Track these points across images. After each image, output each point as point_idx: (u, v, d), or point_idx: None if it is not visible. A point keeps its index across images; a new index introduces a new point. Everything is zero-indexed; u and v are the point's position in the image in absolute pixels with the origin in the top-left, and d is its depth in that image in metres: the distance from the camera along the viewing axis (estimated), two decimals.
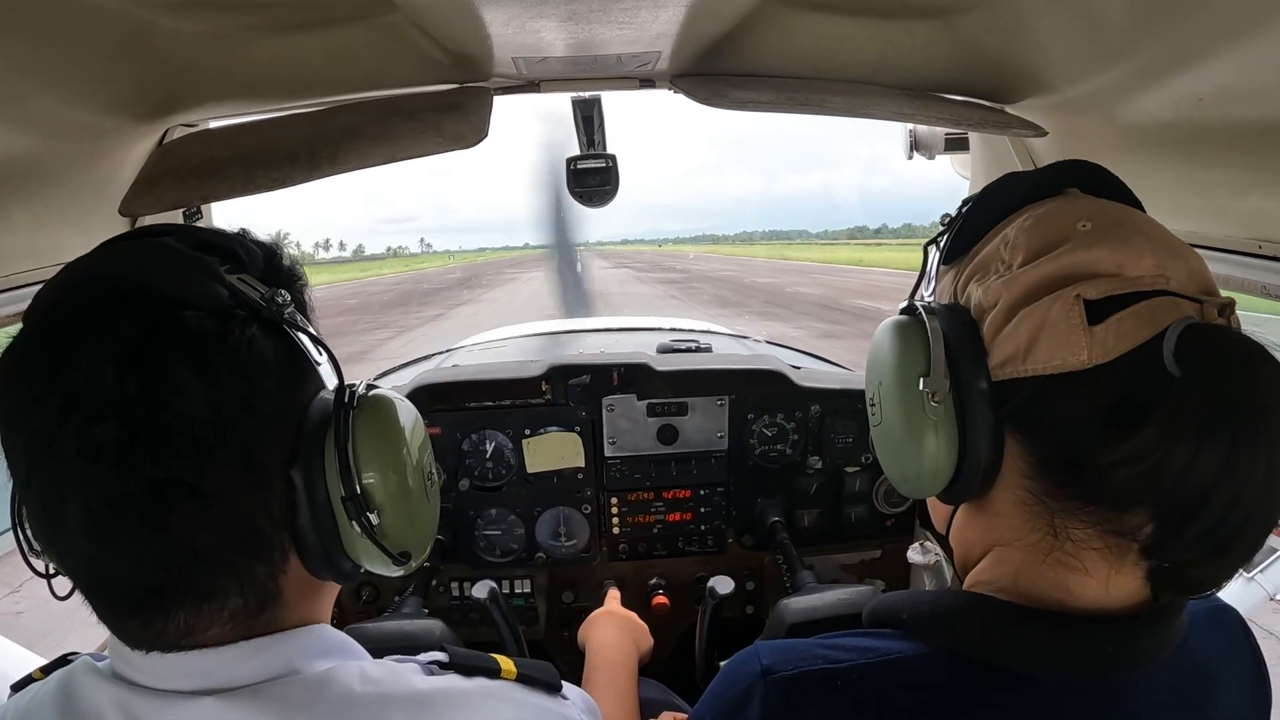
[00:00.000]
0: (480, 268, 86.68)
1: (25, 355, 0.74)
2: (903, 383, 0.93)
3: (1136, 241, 0.82)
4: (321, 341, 0.89)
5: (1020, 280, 0.84)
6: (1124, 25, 1.08)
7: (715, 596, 1.95)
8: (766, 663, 0.91)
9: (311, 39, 1.28)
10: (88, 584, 0.78)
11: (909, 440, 0.92)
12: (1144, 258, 0.81)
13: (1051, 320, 0.80)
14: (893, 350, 0.96)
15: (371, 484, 0.85)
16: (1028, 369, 0.82)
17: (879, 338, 1.01)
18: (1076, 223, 0.85)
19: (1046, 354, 0.81)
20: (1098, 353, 0.78)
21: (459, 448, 2.39)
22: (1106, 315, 0.79)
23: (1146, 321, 0.78)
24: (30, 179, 1.22)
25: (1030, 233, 0.87)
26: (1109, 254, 0.81)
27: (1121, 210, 0.89)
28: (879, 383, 1.00)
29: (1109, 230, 0.84)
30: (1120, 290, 0.79)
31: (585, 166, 2.00)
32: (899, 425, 0.94)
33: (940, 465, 0.91)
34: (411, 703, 0.82)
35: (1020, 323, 0.83)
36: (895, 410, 0.95)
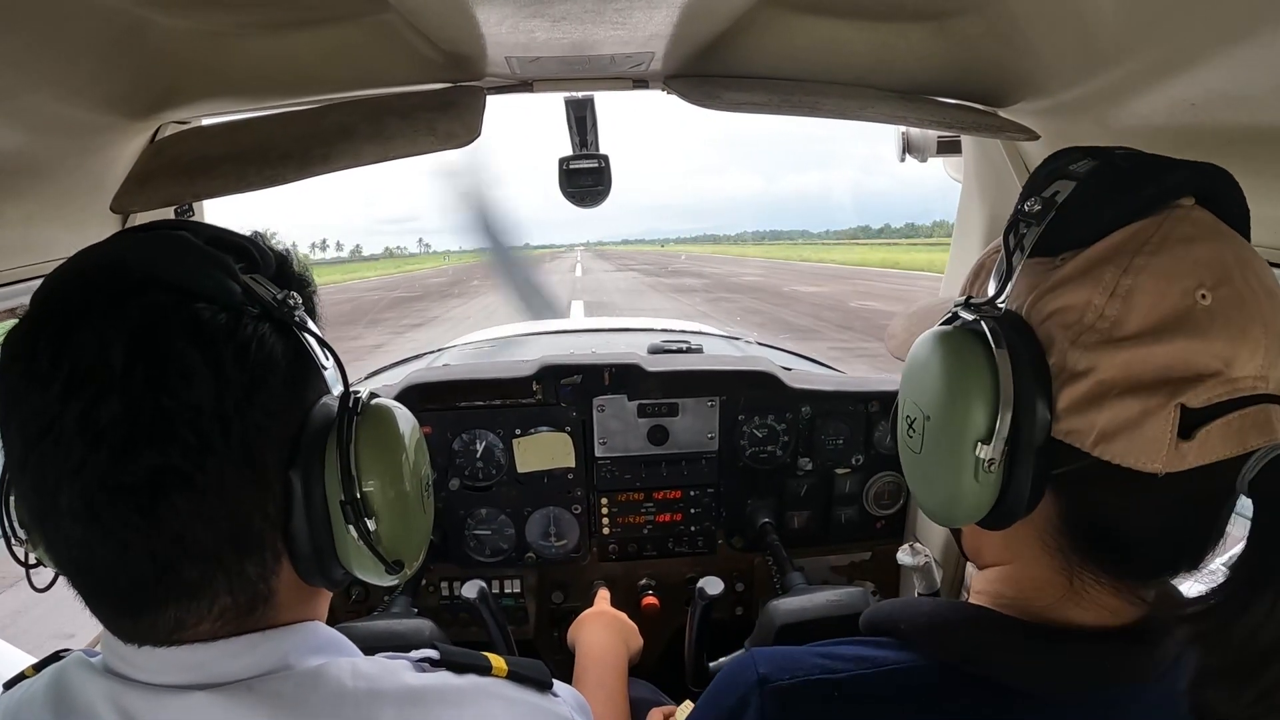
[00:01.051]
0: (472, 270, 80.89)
1: (29, 337, 0.74)
2: (956, 435, 0.83)
3: (1254, 334, 0.74)
4: (328, 346, 0.89)
5: (1120, 359, 0.75)
6: (1117, 30, 1.09)
7: (705, 597, 1.95)
8: (763, 671, 0.89)
9: (305, 37, 1.28)
10: (76, 573, 0.77)
11: (951, 489, 0.84)
12: (1256, 356, 0.74)
13: (1142, 424, 0.74)
14: (952, 388, 0.84)
15: (371, 490, 0.85)
16: (1094, 451, 0.76)
17: (935, 352, 0.88)
18: (1197, 290, 0.74)
19: (1123, 450, 0.74)
20: (1175, 464, 0.73)
21: (449, 447, 2.39)
22: (1199, 426, 0.73)
23: (1234, 439, 0.73)
24: (21, 175, 1.22)
25: (1142, 289, 0.76)
26: (1222, 346, 0.73)
27: (1243, 274, 0.77)
28: (926, 415, 0.88)
29: (1229, 312, 0.74)
30: (1221, 398, 0.73)
31: (578, 167, 2.00)
32: (942, 471, 0.85)
33: (975, 512, 0.84)
34: (403, 699, 0.82)
35: (1105, 409, 0.75)
36: (940, 458, 0.86)
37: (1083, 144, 0.91)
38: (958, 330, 0.87)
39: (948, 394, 0.84)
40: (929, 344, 0.89)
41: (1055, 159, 0.89)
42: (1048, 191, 0.85)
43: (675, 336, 3.50)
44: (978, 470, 0.81)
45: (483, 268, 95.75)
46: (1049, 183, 0.86)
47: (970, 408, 0.81)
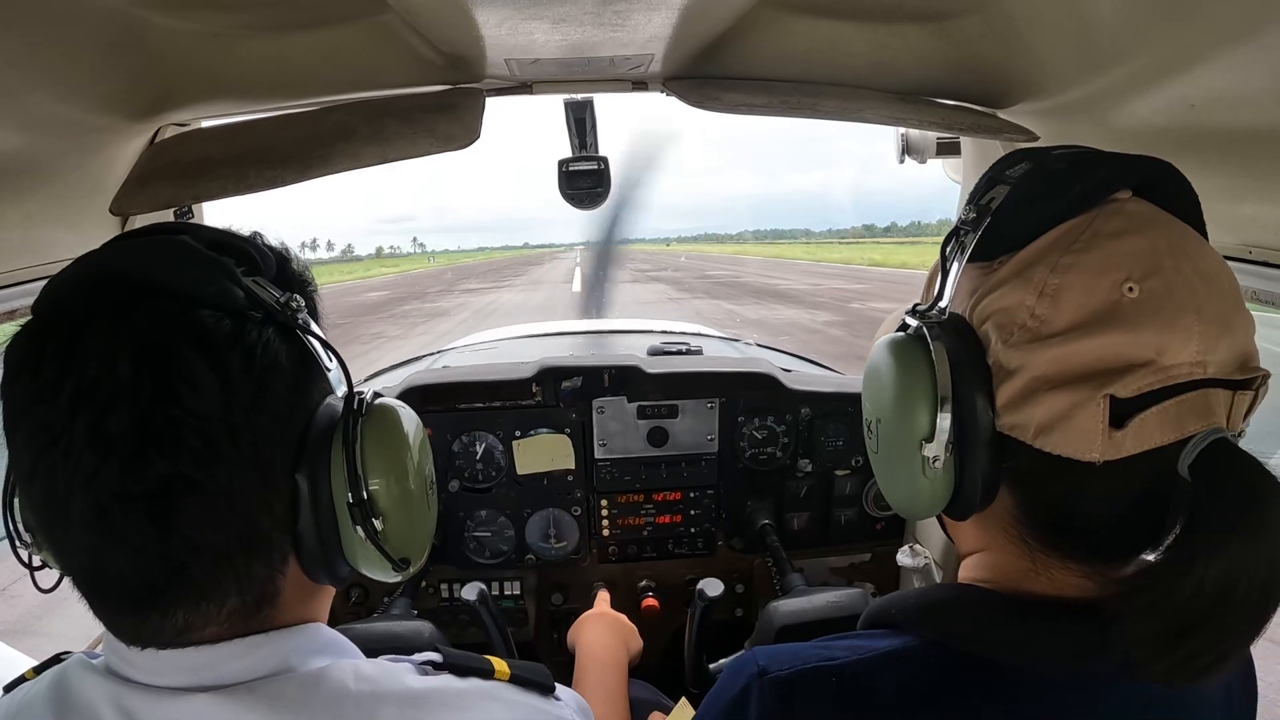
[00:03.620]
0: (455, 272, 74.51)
1: (33, 348, 0.74)
2: (902, 435, 0.87)
3: (1185, 323, 0.75)
4: (331, 347, 0.90)
5: (1048, 355, 0.78)
6: (1116, 31, 1.09)
7: (705, 599, 1.95)
8: (762, 664, 0.91)
9: (304, 39, 1.28)
10: (87, 579, 0.78)
11: (906, 483, 0.89)
12: (1189, 344, 0.75)
13: (1073, 415, 0.76)
14: (896, 391, 0.88)
15: (377, 490, 0.86)
16: (1035, 443, 0.79)
17: (883, 359, 0.92)
18: (1124, 283, 0.76)
19: (1059, 441, 0.77)
20: (1111, 452, 0.76)
21: (449, 449, 2.39)
22: (1131, 415, 0.75)
23: (1171, 425, 0.75)
24: (21, 176, 1.22)
25: (1069, 286, 0.78)
26: (1151, 337, 0.75)
27: (1175, 258, 0.78)
28: (877, 418, 0.93)
29: (1158, 304, 0.75)
30: (1153, 385, 0.75)
31: (577, 169, 2.00)
32: (896, 467, 0.90)
33: (932, 505, 0.89)
34: (405, 701, 0.82)
35: (1039, 403, 0.78)
36: (892, 455, 0.91)
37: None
38: (902, 336, 0.91)
39: (893, 397, 0.89)
40: (878, 351, 0.93)
41: (996, 166, 0.92)
42: (985, 198, 0.89)
43: (674, 338, 3.50)
44: (925, 468, 0.85)
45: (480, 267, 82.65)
46: (988, 189, 0.90)
47: (913, 409, 0.86)
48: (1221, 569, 0.70)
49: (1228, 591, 0.70)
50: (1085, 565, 0.84)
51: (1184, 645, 0.72)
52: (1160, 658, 0.73)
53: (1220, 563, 0.70)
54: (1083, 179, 0.84)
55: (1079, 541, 0.83)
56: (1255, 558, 0.70)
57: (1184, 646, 0.72)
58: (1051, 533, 0.84)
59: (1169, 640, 0.72)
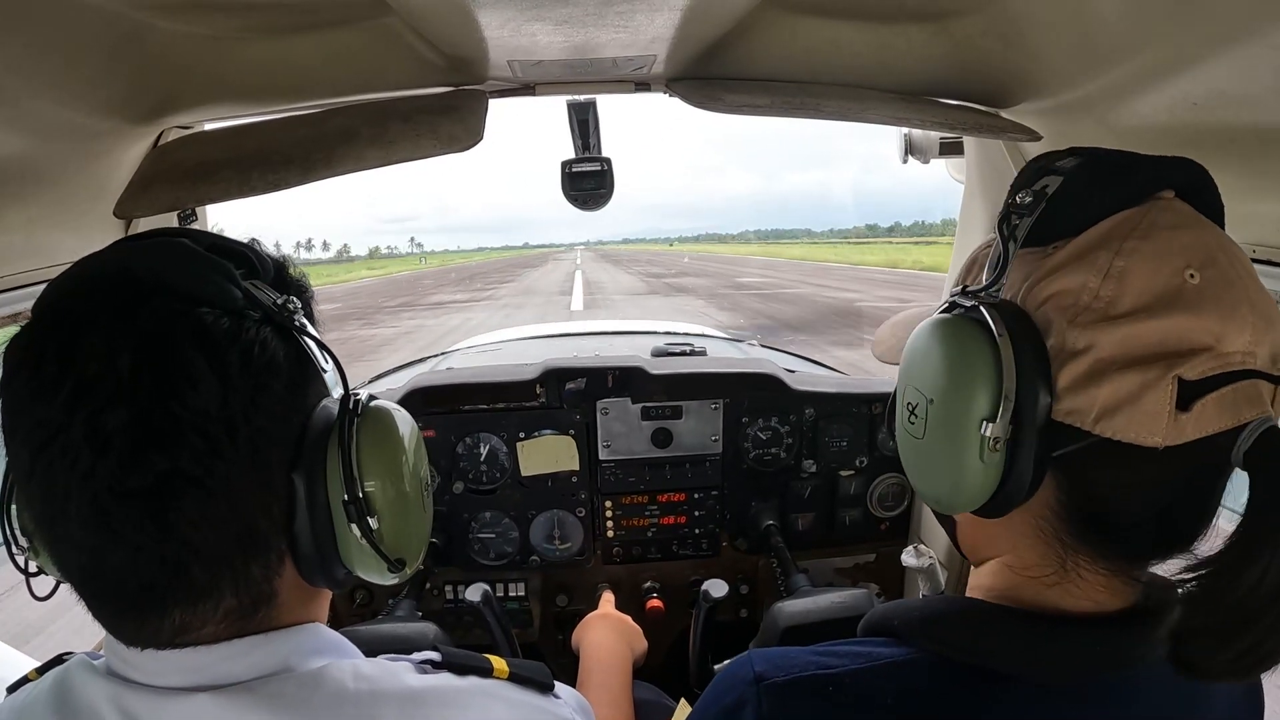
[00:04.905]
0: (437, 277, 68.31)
1: (33, 346, 0.74)
2: (960, 416, 0.85)
3: (1242, 311, 0.77)
4: (328, 349, 0.91)
5: (1117, 336, 0.78)
6: (1119, 30, 1.08)
7: (709, 600, 1.95)
8: (759, 669, 0.90)
9: (307, 41, 1.28)
10: (84, 579, 0.78)
11: (954, 473, 0.87)
12: (1244, 332, 0.76)
13: (1141, 396, 0.76)
14: (955, 370, 0.87)
15: (372, 490, 0.87)
16: (1096, 429, 0.78)
17: (938, 339, 0.91)
18: (1185, 269, 0.78)
19: (1123, 425, 0.76)
20: (1173, 436, 0.75)
21: (453, 450, 2.39)
22: (1195, 399, 0.75)
23: (1229, 412, 0.75)
24: (25, 180, 1.22)
25: (1135, 269, 0.79)
26: (1213, 323, 0.76)
27: (1228, 257, 0.80)
28: (929, 399, 0.90)
29: (1217, 291, 0.77)
30: (1214, 371, 0.75)
31: (581, 170, 2.00)
32: (945, 455, 0.88)
33: (980, 495, 0.86)
34: (404, 700, 0.82)
35: (1105, 384, 0.78)
36: (944, 440, 0.88)
37: (1085, 143, 0.93)
38: (957, 317, 0.90)
39: (950, 376, 0.87)
40: (928, 331, 0.93)
41: (1043, 158, 0.92)
42: (1037, 185, 0.88)
43: (678, 339, 3.50)
44: (983, 450, 0.83)
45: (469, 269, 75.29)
46: (1038, 177, 0.89)
47: (974, 388, 0.84)
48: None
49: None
50: (1115, 566, 0.83)
51: (1246, 638, 0.72)
52: (1221, 652, 0.73)
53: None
54: (1135, 174, 0.87)
55: (1117, 538, 0.82)
56: None
57: (1246, 639, 0.72)
58: (1091, 528, 0.83)
59: (1231, 634, 0.72)
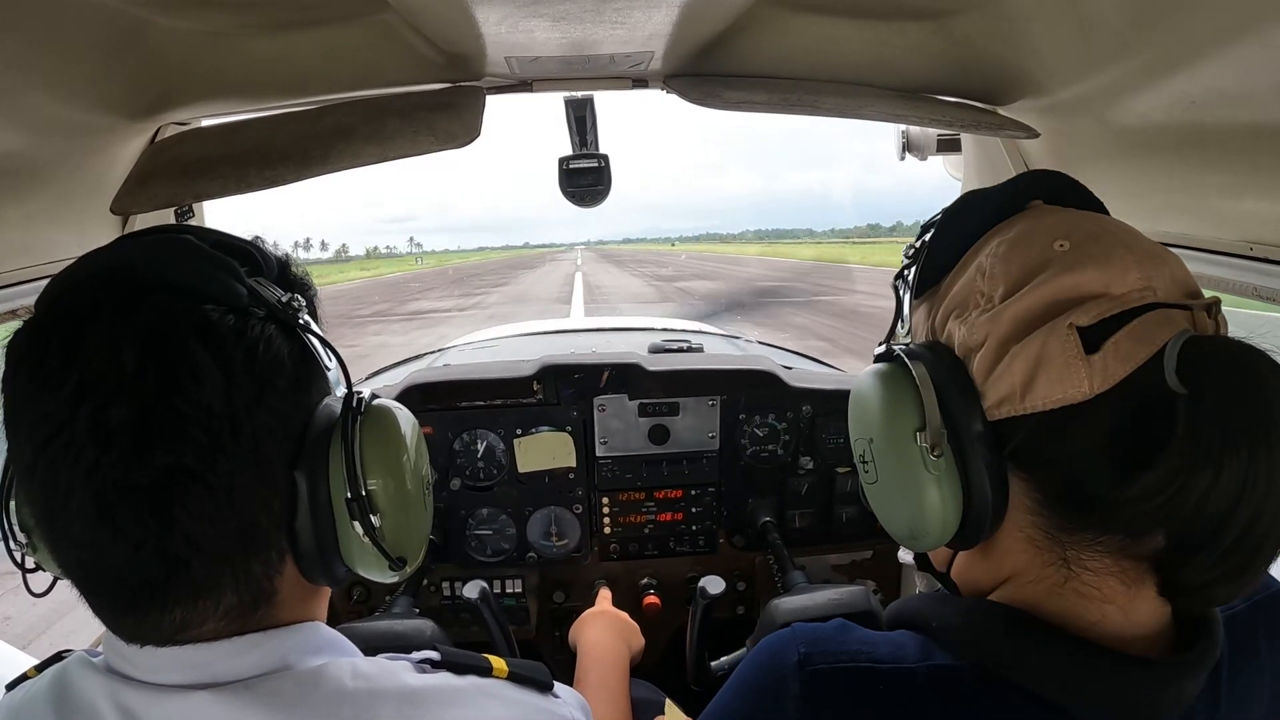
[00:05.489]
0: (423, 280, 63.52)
1: (37, 341, 0.75)
2: (897, 437, 0.88)
3: (1119, 255, 0.80)
4: (332, 347, 0.91)
5: (1006, 315, 0.82)
6: (1117, 28, 1.09)
7: (706, 596, 1.95)
8: (804, 651, 0.88)
9: (304, 38, 1.28)
10: (85, 575, 0.78)
11: (911, 497, 0.88)
12: (1129, 272, 0.78)
13: (1047, 355, 0.78)
14: (881, 403, 0.92)
15: (375, 488, 0.87)
16: (1026, 406, 0.79)
17: (862, 391, 0.97)
18: (1053, 242, 0.83)
19: (1046, 390, 0.78)
20: (1099, 381, 0.76)
21: (450, 447, 2.39)
22: (1102, 340, 0.76)
23: (1143, 341, 0.75)
24: (22, 176, 1.22)
25: (1007, 260, 0.85)
26: (1094, 274, 0.79)
27: (1095, 221, 0.86)
28: (869, 439, 0.95)
29: (1089, 247, 0.81)
30: (1111, 311, 0.77)
31: (578, 166, 2.00)
32: (898, 482, 0.90)
33: (948, 518, 0.87)
34: (403, 699, 0.82)
35: (1013, 360, 0.80)
36: (892, 467, 0.91)
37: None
38: (873, 366, 0.97)
39: (878, 409, 0.92)
40: (857, 388, 0.99)
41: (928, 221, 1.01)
42: (919, 241, 1.00)
43: (675, 336, 3.50)
44: (925, 460, 0.85)
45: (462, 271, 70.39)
46: (920, 235, 1.00)
47: (899, 407, 0.88)
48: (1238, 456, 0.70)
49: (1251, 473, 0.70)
50: (1116, 540, 0.80)
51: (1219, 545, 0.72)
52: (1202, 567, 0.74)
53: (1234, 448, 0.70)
54: (1002, 195, 0.95)
55: (1104, 512, 0.79)
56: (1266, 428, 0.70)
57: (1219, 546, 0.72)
58: (1075, 511, 0.81)
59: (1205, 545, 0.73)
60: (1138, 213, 1.32)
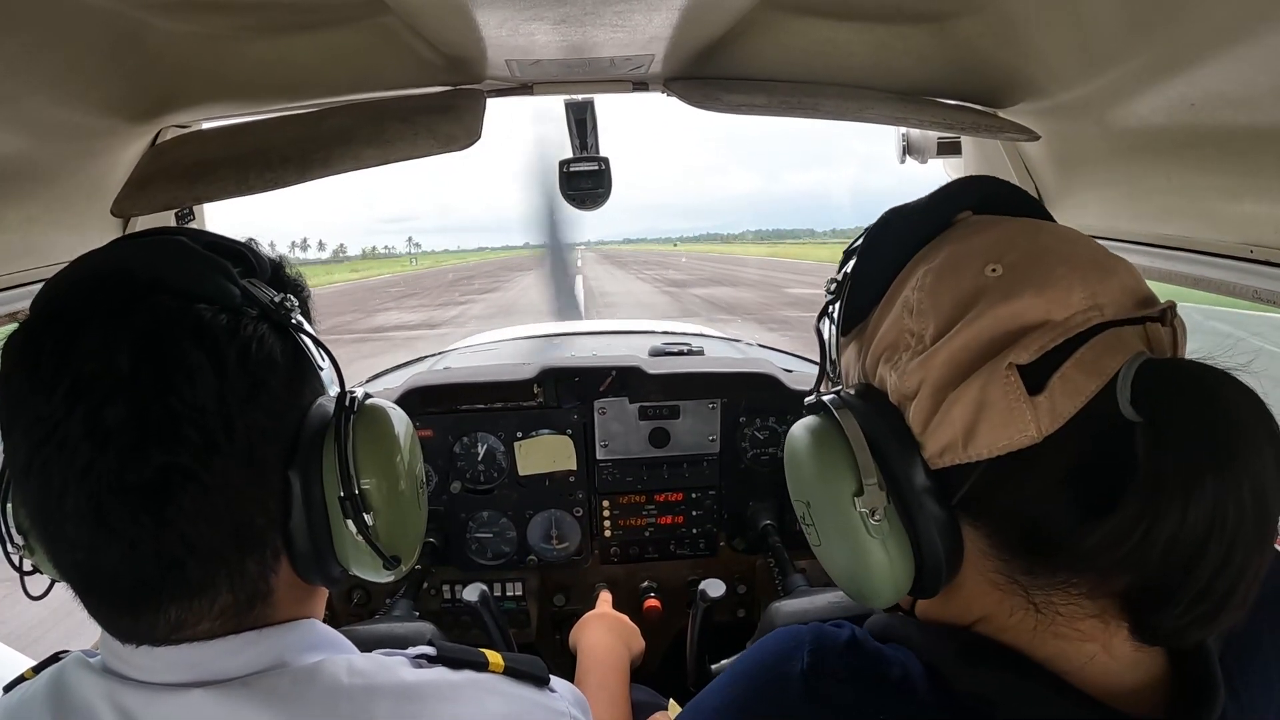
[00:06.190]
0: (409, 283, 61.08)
1: (32, 342, 0.75)
2: (834, 502, 0.82)
3: (1059, 274, 0.74)
4: (325, 346, 0.92)
5: (939, 359, 0.75)
6: (1117, 30, 1.09)
7: (707, 599, 1.95)
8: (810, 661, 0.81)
9: (305, 41, 1.28)
10: (80, 575, 0.78)
11: (857, 561, 0.82)
12: (1072, 292, 0.73)
13: (987, 400, 0.72)
14: (813, 464, 0.85)
15: (368, 487, 0.87)
16: (970, 455, 0.74)
17: (794, 449, 0.90)
18: (984, 267, 0.76)
19: (989, 437, 0.72)
20: (1046, 423, 0.70)
21: (450, 450, 2.39)
22: (1046, 377, 0.70)
23: (1092, 370, 0.70)
24: (22, 179, 1.22)
25: (935, 292, 0.78)
26: (1032, 300, 0.73)
27: (1029, 235, 0.80)
28: (806, 502, 0.89)
29: (1024, 268, 0.75)
30: (1054, 341, 0.71)
31: (578, 169, 2.00)
32: (842, 547, 0.84)
33: (898, 577, 0.81)
34: (399, 694, 0.83)
35: (951, 407, 0.74)
36: (834, 532, 0.85)
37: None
38: (804, 419, 0.91)
39: (812, 472, 0.86)
40: (788, 444, 0.93)
41: (850, 246, 0.96)
42: (839, 273, 0.94)
43: (676, 339, 3.50)
44: (867, 526, 0.79)
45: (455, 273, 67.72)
46: (842, 265, 0.94)
47: (833, 469, 0.82)
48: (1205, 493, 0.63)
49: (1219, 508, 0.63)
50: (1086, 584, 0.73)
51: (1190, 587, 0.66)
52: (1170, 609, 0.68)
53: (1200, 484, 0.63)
54: (926, 212, 0.89)
55: (1066, 558, 0.72)
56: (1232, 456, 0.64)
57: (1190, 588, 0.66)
58: (1038, 556, 0.75)
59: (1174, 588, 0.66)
60: (1138, 215, 1.32)
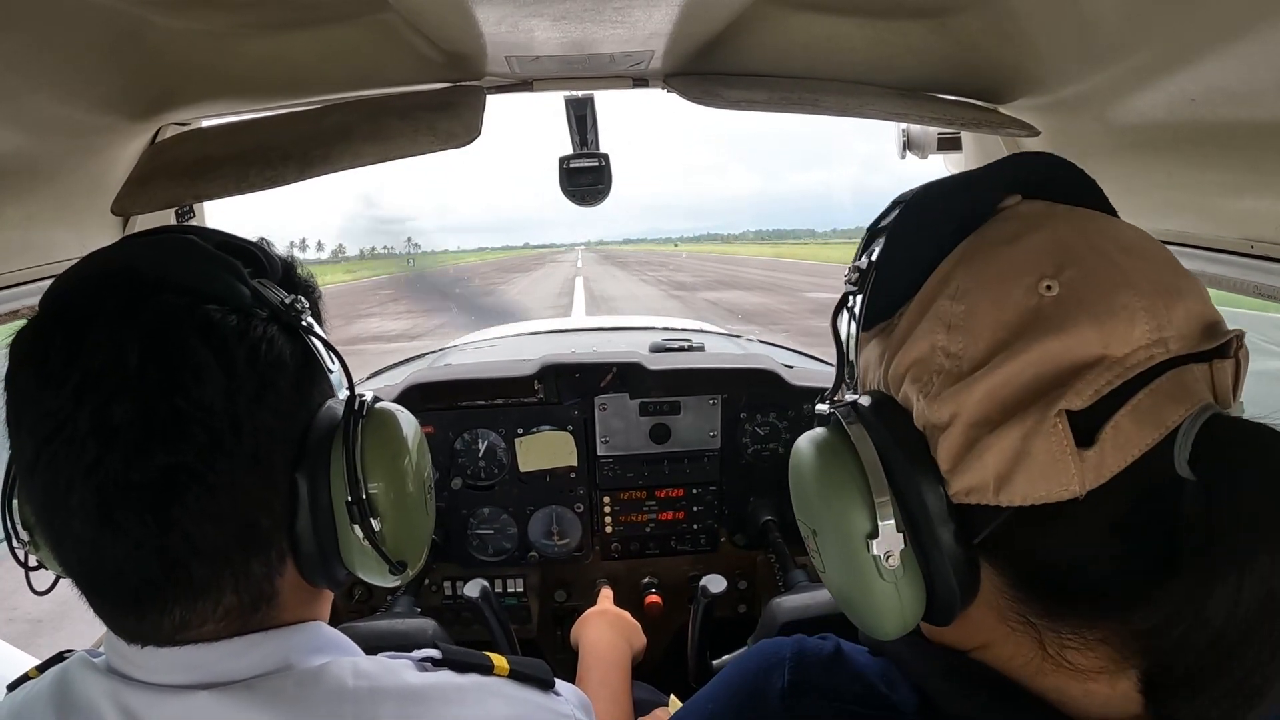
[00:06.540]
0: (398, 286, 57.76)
1: (41, 339, 0.75)
2: (844, 541, 0.74)
3: (1122, 299, 0.64)
4: (334, 349, 0.91)
5: (978, 392, 0.66)
6: (1117, 25, 1.08)
7: (707, 595, 1.95)
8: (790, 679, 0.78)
9: (305, 37, 1.28)
10: (84, 573, 0.78)
11: (865, 600, 0.75)
12: (1135, 325, 0.64)
13: (1029, 450, 0.64)
14: (823, 491, 0.77)
15: (376, 491, 0.87)
16: (1001, 500, 0.66)
17: (800, 467, 0.81)
18: (1039, 283, 0.66)
19: (1026, 488, 0.65)
20: (1091, 478, 0.62)
21: (451, 447, 2.39)
22: (1098, 427, 0.62)
23: (1149, 421, 0.62)
24: (22, 177, 1.22)
25: (977, 308, 0.69)
26: (1090, 331, 0.64)
27: (1090, 243, 0.69)
28: (813, 530, 0.81)
29: (1083, 293, 0.65)
30: (1111, 385, 0.63)
31: (578, 166, 2.00)
32: (849, 584, 0.76)
33: (907, 616, 0.75)
34: (404, 697, 0.82)
35: (986, 451, 0.66)
36: (841, 571, 0.77)
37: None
38: (817, 431, 0.82)
39: (821, 500, 0.77)
40: (795, 457, 0.84)
41: (875, 222, 0.86)
42: (864, 257, 0.83)
43: (676, 335, 3.50)
44: (880, 571, 0.72)
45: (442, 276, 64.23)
46: (866, 246, 0.84)
47: (846, 505, 0.73)
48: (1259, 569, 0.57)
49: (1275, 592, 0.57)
50: (1105, 627, 0.67)
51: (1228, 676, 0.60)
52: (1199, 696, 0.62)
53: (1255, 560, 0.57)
54: (966, 193, 0.79)
55: (1093, 601, 0.67)
56: None
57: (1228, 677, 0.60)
58: (1058, 601, 0.69)
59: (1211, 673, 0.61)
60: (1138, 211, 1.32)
